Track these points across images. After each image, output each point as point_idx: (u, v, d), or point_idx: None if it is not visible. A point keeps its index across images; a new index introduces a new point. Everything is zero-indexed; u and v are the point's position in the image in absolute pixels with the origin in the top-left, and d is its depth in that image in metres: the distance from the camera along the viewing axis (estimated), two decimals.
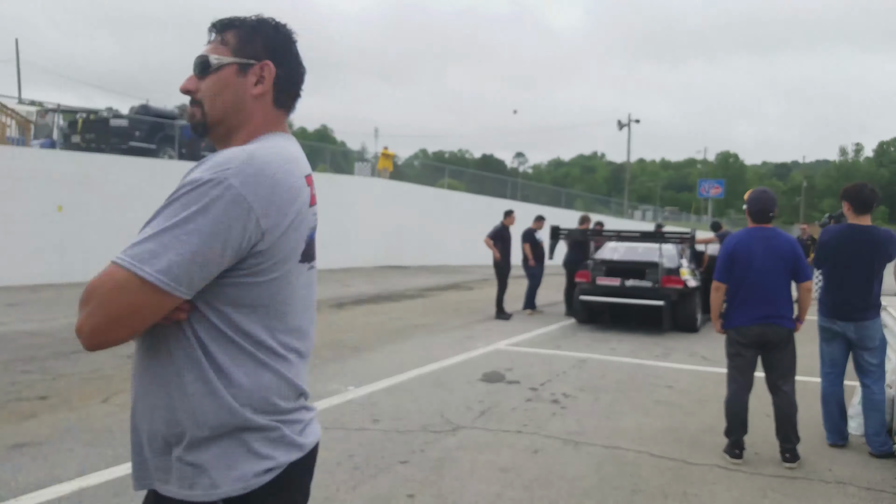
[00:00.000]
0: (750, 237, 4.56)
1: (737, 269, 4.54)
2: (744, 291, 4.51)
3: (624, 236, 11.03)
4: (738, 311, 4.54)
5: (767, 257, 4.48)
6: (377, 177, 25.48)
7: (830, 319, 4.73)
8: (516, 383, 6.74)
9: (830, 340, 4.80)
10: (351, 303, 13.50)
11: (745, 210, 4.66)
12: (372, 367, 7.38)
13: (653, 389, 6.63)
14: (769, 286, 4.46)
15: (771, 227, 4.63)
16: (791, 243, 4.54)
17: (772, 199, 4.63)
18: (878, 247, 4.61)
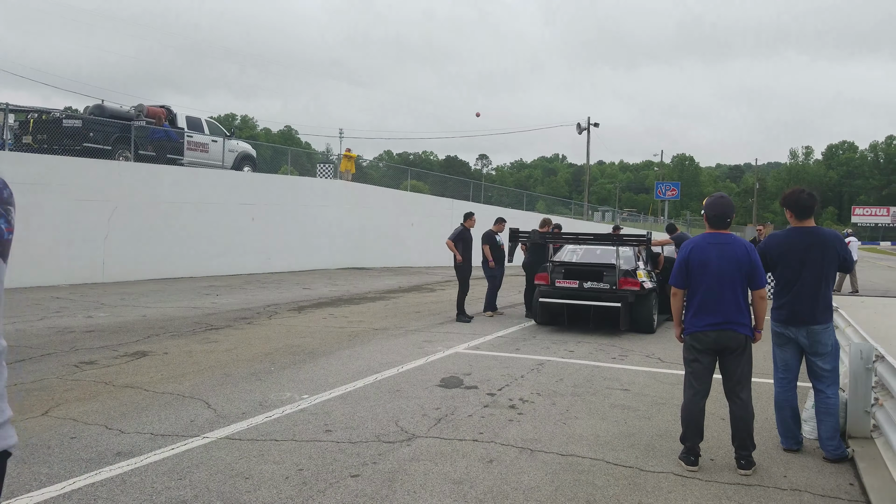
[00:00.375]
0: (706, 243, 4.53)
1: (693, 275, 4.53)
2: (700, 298, 4.50)
3: (582, 239, 11.08)
4: (695, 317, 4.53)
5: (723, 264, 4.47)
6: (340, 179, 25.24)
7: (783, 325, 4.74)
8: (474, 388, 6.67)
9: (783, 345, 4.81)
10: (311, 306, 13.30)
11: (703, 215, 4.64)
12: (328, 374, 7.24)
13: (609, 393, 6.63)
14: (725, 293, 4.44)
15: (727, 234, 4.62)
16: (747, 249, 4.53)
17: (729, 206, 4.62)
18: (826, 248, 4.63)
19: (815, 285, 4.61)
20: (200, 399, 6.13)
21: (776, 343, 4.86)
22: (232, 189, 19.85)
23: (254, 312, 12.17)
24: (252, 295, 14.82)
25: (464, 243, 11.94)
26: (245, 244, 20.02)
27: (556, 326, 10.91)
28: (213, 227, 18.99)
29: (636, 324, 10.35)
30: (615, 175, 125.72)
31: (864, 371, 4.91)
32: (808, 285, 4.61)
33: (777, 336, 4.83)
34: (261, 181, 21.11)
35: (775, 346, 4.88)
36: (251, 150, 22.70)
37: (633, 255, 10.91)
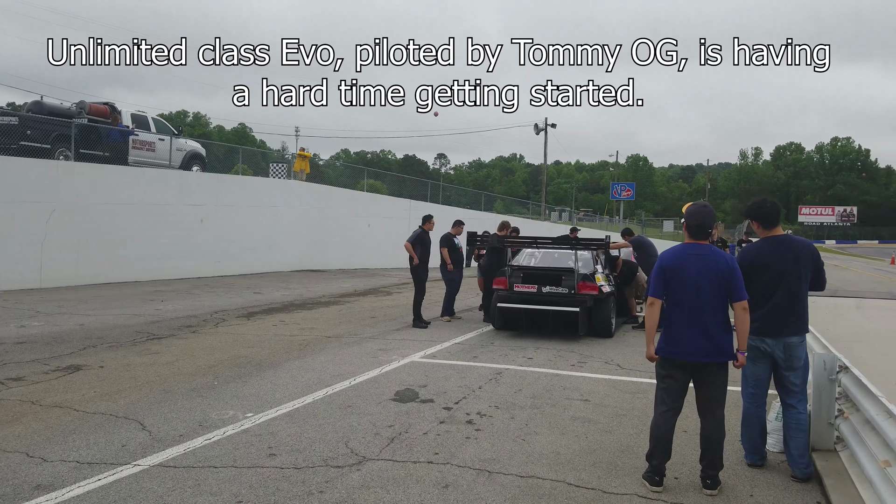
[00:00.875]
0: (686, 254, 4.32)
1: (672, 285, 4.30)
2: (679, 316, 4.26)
3: (540, 243, 10.89)
4: (676, 342, 4.28)
5: (703, 275, 4.25)
6: (294, 178, 24.67)
7: (759, 338, 4.55)
8: (430, 402, 6.38)
9: (757, 360, 4.62)
10: (261, 312, 12.84)
11: (683, 224, 4.45)
12: (276, 388, 6.86)
13: (569, 404, 6.41)
14: (706, 308, 4.22)
15: (707, 245, 4.40)
16: (728, 261, 4.33)
17: (711, 215, 4.42)
18: (802, 256, 4.49)
19: (792, 296, 4.46)
20: (135, 420, 5.70)
21: (749, 357, 4.59)
22: (180, 189, 19.17)
23: (200, 320, 11.66)
24: (199, 300, 14.26)
25: (422, 246, 11.66)
26: (194, 247, 19.37)
27: (514, 332, 10.70)
28: (159, 230, 18.30)
29: (595, 328, 10.21)
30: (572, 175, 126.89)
31: (827, 382, 4.79)
32: (785, 296, 4.46)
33: (751, 350, 4.59)
34: (210, 181, 20.45)
35: (748, 360, 4.65)
36: (200, 149, 21.99)
37: (592, 259, 10.77)
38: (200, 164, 21.56)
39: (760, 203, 4.60)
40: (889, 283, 25.25)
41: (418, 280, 11.63)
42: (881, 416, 3.61)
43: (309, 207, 23.34)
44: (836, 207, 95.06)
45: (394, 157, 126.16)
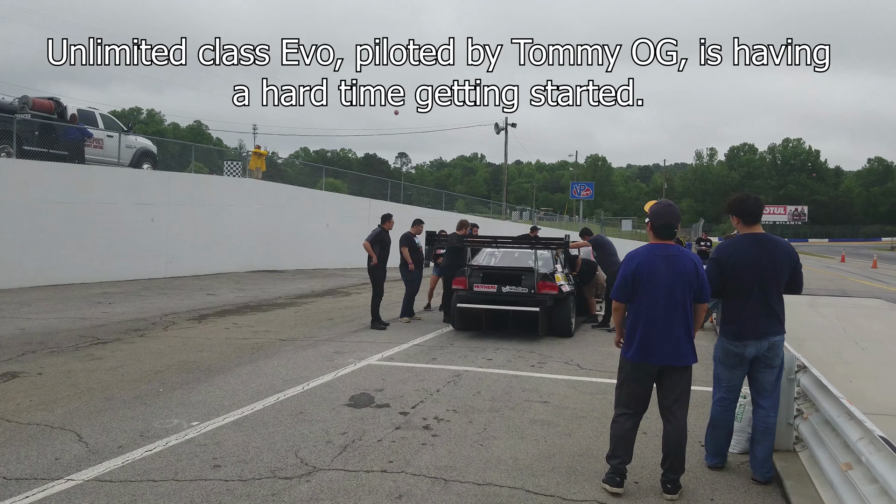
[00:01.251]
0: (654, 256, 4.16)
1: (643, 289, 4.14)
2: (651, 320, 4.13)
3: (500, 242, 10.77)
4: (641, 347, 4.15)
5: (674, 279, 4.12)
6: (250, 177, 24.14)
7: (740, 342, 4.35)
8: (386, 407, 6.18)
9: (734, 367, 4.43)
10: (213, 314, 12.45)
11: (648, 224, 4.27)
12: (224, 395, 6.58)
13: (528, 406, 6.28)
14: (678, 311, 4.10)
15: (674, 245, 4.27)
16: (695, 262, 4.21)
17: (677, 214, 4.27)
18: (781, 257, 4.36)
19: (774, 293, 4.34)
20: (72, 430, 5.37)
21: (725, 363, 4.45)
22: (130, 188, 18.56)
23: (148, 323, 11.24)
24: (149, 303, 13.79)
25: (381, 246, 11.43)
26: (144, 247, 18.77)
27: (474, 332, 10.56)
28: (108, 229, 17.67)
29: (554, 328, 10.13)
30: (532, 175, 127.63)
31: (786, 382, 4.74)
32: (768, 294, 4.32)
33: (728, 356, 4.42)
34: (161, 179, 19.86)
35: (722, 365, 4.48)
36: (151, 147, 21.36)
37: (552, 258, 10.69)
38: (151, 162, 20.94)
39: (743, 199, 4.46)
40: (840, 280, 25.88)
41: (376, 280, 11.40)
42: (842, 418, 3.56)
43: (265, 206, 22.86)
44: (788, 207, 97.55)
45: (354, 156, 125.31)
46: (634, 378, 4.20)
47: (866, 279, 26.91)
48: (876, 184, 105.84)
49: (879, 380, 6.28)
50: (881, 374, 6.58)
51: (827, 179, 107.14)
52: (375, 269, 11.38)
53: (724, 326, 4.48)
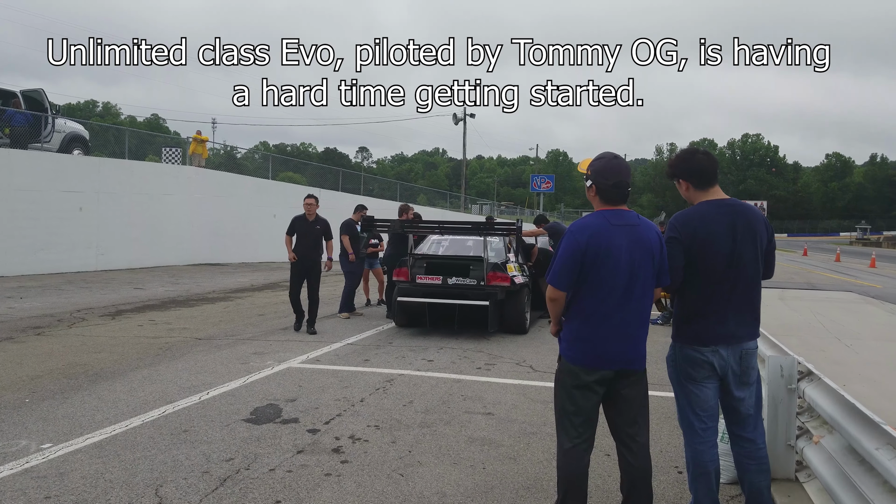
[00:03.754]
0: (609, 225, 3.02)
1: (596, 270, 3.00)
2: (603, 310, 3.01)
3: (446, 228, 9.66)
4: (584, 343, 3.05)
5: (636, 253, 3.00)
6: (190, 164, 22.63)
7: (709, 347, 3.15)
8: (293, 423, 5.05)
9: (703, 380, 3.18)
10: (132, 310, 11.15)
11: (591, 186, 3.11)
12: (101, 407, 5.38)
13: (468, 420, 5.21)
14: (639, 298, 3.02)
15: (633, 212, 3.17)
16: (657, 233, 3.14)
17: (627, 170, 3.15)
18: (760, 226, 3.23)
19: (749, 283, 3.22)
20: None
21: (687, 377, 3.22)
22: (55, 174, 17.01)
23: (54, 319, 9.92)
24: (66, 297, 12.41)
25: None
26: (71, 238, 17.27)
27: (417, 329, 9.47)
28: (29, 219, 16.16)
29: (507, 324, 9.09)
30: (494, 169, 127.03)
31: (785, 393, 3.75)
32: (741, 283, 3.21)
33: (691, 364, 3.19)
34: (90, 165, 18.32)
35: (685, 381, 3.23)
36: (82, 131, 19.76)
37: (504, 247, 9.64)
38: (82, 148, 19.36)
39: (691, 155, 3.29)
40: (806, 273, 25.45)
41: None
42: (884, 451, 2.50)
43: (207, 196, 21.42)
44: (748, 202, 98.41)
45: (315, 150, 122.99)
46: (581, 392, 3.05)
47: (831, 272, 26.56)
48: (834, 179, 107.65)
49: (877, 383, 5.38)
50: (876, 376, 5.69)
51: (786, 175, 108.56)
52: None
53: (680, 324, 3.27)
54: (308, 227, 9.19)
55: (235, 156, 44.48)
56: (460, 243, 9.93)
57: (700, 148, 3.40)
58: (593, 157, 3.18)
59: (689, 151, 3.34)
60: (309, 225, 9.20)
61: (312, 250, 9.20)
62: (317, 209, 9.31)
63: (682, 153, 3.35)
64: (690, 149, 3.37)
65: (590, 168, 3.14)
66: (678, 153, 3.37)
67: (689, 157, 3.31)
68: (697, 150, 3.32)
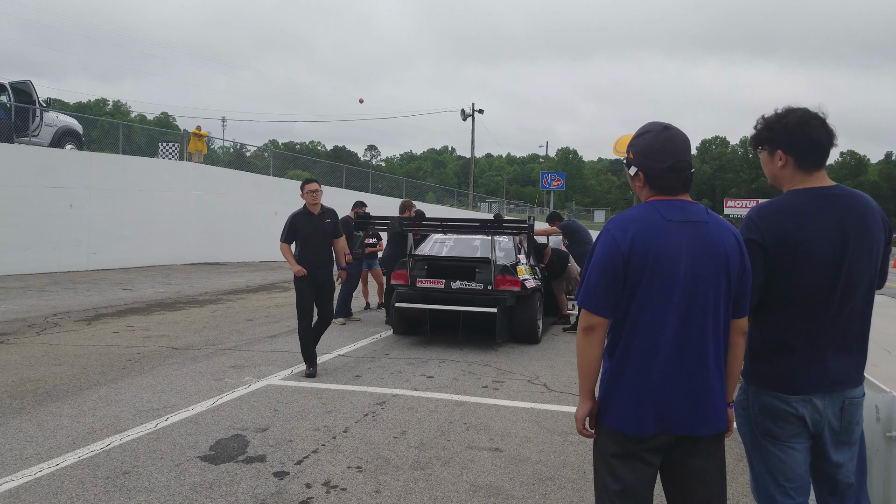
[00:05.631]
0: (663, 221, 2.07)
1: (639, 290, 2.06)
2: (649, 350, 2.06)
3: (449, 226, 8.76)
4: (629, 394, 2.09)
5: (701, 262, 2.05)
6: (188, 160, 21.83)
7: (792, 395, 2.25)
8: (258, 462, 4.18)
9: (788, 440, 2.27)
10: (112, 314, 10.33)
11: (637, 174, 2.17)
12: (35, 438, 4.53)
13: (472, 458, 4.32)
14: (706, 328, 2.06)
15: (697, 204, 2.14)
16: (735, 236, 2.15)
17: (686, 143, 2.16)
18: (874, 224, 2.26)
19: (861, 304, 2.28)
20: None
21: (766, 434, 2.31)
22: (43, 169, 16.24)
23: (25, 325, 9.11)
24: (46, 299, 11.61)
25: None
26: (61, 236, 16.51)
27: (417, 338, 8.59)
28: (14, 215, 15.40)
29: (517, 333, 8.20)
30: (503, 168, 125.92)
31: (883, 443, 2.85)
32: (850, 305, 2.23)
33: (772, 418, 2.29)
34: (81, 161, 17.53)
35: (763, 439, 2.32)
36: (75, 125, 19.00)
37: (514, 248, 8.74)
38: (76, 143, 18.61)
39: (800, 119, 2.27)
40: None
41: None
42: None
43: (205, 193, 20.61)
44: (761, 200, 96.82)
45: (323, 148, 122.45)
46: (628, 461, 2.11)
47: None
48: (848, 177, 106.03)
49: None
50: None
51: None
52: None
53: (759, 365, 2.32)
54: (314, 224, 6.76)
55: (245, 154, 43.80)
56: (466, 243, 9.04)
57: (808, 108, 2.33)
58: (634, 133, 2.25)
59: (801, 113, 2.31)
60: (315, 221, 6.77)
61: (325, 255, 6.82)
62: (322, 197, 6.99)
63: (788, 113, 2.32)
64: (801, 110, 2.33)
65: (631, 148, 2.19)
66: (780, 112, 2.34)
67: (800, 122, 2.29)
68: (810, 112, 2.30)
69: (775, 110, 2.35)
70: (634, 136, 2.21)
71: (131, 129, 24.01)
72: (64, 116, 19.19)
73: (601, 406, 2.17)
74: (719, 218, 2.17)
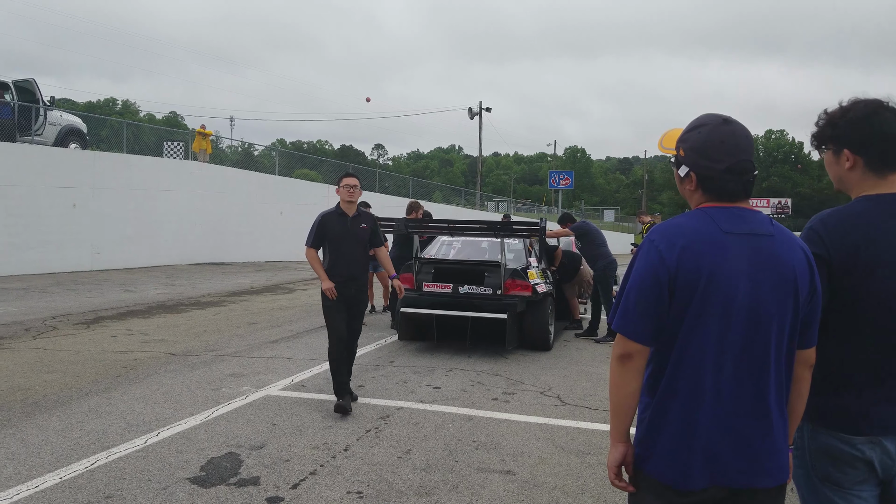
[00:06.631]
0: (720, 234, 1.75)
1: (687, 316, 1.73)
2: (698, 387, 1.73)
3: (457, 228, 8.43)
4: (675, 441, 1.75)
5: (764, 289, 1.73)
6: (193, 159, 21.60)
7: (857, 436, 1.92)
8: (251, 485, 3.88)
9: (852, 487, 1.93)
10: (112, 316, 10.08)
11: (688, 174, 1.84)
12: (19, 455, 4.25)
13: (482, 482, 4.00)
14: (768, 364, 1.75)
15: (759, 213, 1.86)
16: (804, 252, 1.82)
17: (749, 140, 1.83)
18: None
19: None
20: None
21: (826, 479, 1.96)
22: (45, 168, 16.02)
23: (21, 328, 8.87)
24: (45, 301, 11.38)
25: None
26: (64, 236, 16.29)
27: (424, 344, 8.28)
28: (15, 216, 15.20)
29: (528, 340, 7.87)
30: (510, 167, 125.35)
31: None
32: None
33: (833, 461, 1.95)
34: (85, 159, 17.32)
35: (823, 486, 1.97)
36: (80, 124, 18.81)
37: (524, 250, 8.41)
38: (80, 142, 18.42)
39: (869, 112, 1.94)
40: None
41: None
42: None
43: (210, 192, 20.37)
44: (772, 199, 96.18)
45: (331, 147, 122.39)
46: None
47: None
48: None
49: None
50: None
51: (811, 172, 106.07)
52: None
53: (818, 400, 1.97)
54: (348, 227, 5.58)
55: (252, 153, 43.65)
56: (474, 245, 8.72)
57: (881, 99, 1.98)
58: (686, 126, 1.92)
59: (871, 105, 1.97)
60: (350, 224, 5.59)
61: (360, 265, 5.68)
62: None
63: (855, 105, 1.97)
64: (871, 101, 1.98)
65: (682, 144, 1.86)
66: (845, 105, 1.99)
67: (870, 115, 1.95)
68: (882, 103, 1.96)
69: (839, 103, 2.02)
70: (686, 129, 1.88)
71: (139, 128, 23.80)
72: (68, 115, 19.00)
73: (639, 451, 1.84)
74: (785, 229, 1.83)
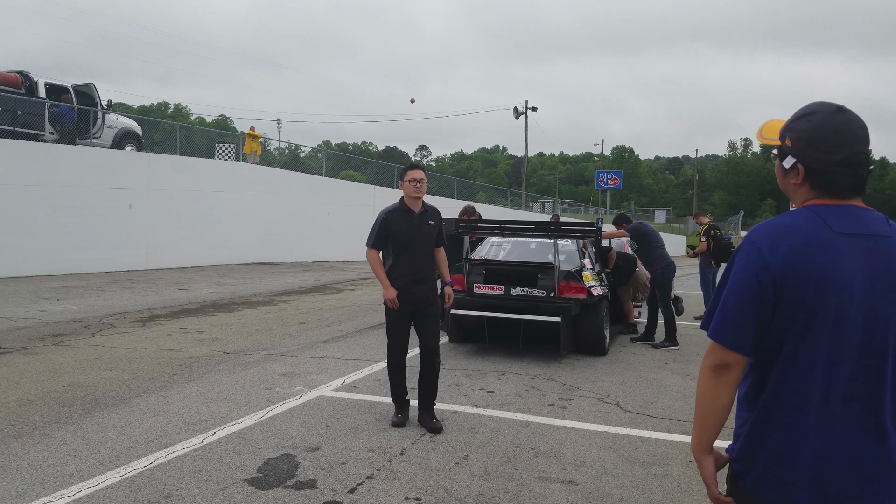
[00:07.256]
0: (832, 234, 1.59)
1: (795, 324, 1.57)
2: (794, 392, 1.58)
3: (509, 229, 8.30)
4: (783, 461, 1.60)
5: (882, 295, 1.56)
6: (243, 161, 21.94)
7: None
8: (308, 488, 3.83)
9: None
10: (166, 315, 10.25)
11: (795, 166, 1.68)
12: (80, 452, 4.29)
13: (544, 492, 3.87)
14: (877, 389, 1.57)
15: (873, 212, 1.68)
16: None
17: (864, 131, 1.67)
18: None
19: None
20: None
21: None
22: (101, 170, 16.45)
23: (81, 325, 9.09)
24: (104, 299, 11.66)
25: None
26: (120, 236, 16.71)
27: (474, 346, 8.17)
28: (75, 216, 15.65)
29: (582, 344, 7.69)
30: (555, 167, 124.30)
31: None
32: None
33: None
34: (140, 162, 17.74)
35: None
36: (135, 127, 19.31)
37: (578, 251, 8.23)
38: (135, 144, 18.90)
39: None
40: None
41: None
42: None
43: (260, 193, 20.64)
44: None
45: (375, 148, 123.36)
46: None
47: None
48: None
49: None
50: None
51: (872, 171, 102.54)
52: None
53: None
54: (415, 225, 5.05)
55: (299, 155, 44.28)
56: (524, 247, 8.57)
57: None
58: (793, 115, 1.76)
59: None
60: (416, 222, 5.06)
61: (428, 267, 5.12)
62: None
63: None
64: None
65: (788, 133, 1.70)
66: None
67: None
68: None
69: None
70: (793, 117, 1.72)
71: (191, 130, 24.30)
72: (124, 118, 19.50)
73: (735, 465, 1.70)
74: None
